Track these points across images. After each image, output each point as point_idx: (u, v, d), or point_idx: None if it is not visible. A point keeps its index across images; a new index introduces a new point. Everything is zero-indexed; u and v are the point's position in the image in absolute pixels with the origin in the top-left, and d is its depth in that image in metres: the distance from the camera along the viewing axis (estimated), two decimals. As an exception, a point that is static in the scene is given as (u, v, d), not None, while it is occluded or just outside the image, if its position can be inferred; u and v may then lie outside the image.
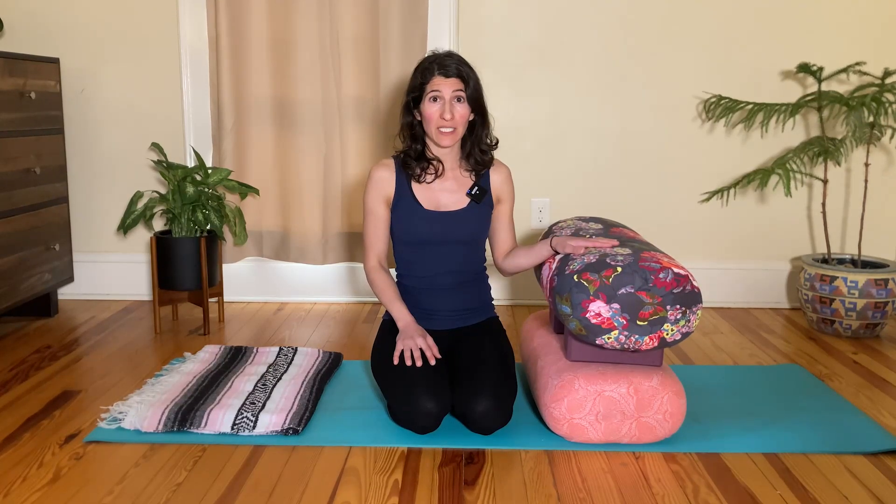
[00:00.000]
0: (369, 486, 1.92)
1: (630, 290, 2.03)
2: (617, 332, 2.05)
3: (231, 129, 3.48)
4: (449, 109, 2.26)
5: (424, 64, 2.31)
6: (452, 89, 2.27)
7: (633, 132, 3.54)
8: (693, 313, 2.06)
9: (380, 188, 2.37)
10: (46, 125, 3.23)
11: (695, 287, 2.06)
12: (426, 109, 2.28)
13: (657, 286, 2.03)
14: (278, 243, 3.60)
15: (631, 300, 2.03)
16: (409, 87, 2.33)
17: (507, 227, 2.47)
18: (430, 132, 2.31)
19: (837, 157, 3.19)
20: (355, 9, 3.40)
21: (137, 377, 2.66)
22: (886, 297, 3.10)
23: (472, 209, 2.37)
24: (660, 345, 2.07)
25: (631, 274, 2.04)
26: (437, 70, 2.27)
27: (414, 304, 2.40)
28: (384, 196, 2.37)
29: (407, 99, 2.33)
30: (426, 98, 2.28)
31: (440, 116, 2.27)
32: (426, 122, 2.30)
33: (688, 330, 2.07)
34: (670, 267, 2.06)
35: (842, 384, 2.66)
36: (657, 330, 2.05)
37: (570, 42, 3.48)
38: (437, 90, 2.26)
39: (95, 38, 3.49)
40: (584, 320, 2.05)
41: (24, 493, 1.88)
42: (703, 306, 2.08)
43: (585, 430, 2.13)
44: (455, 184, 2.38)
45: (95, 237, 3.64)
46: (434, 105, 2.27)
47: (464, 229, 2.35)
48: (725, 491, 1.91)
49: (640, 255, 2.10)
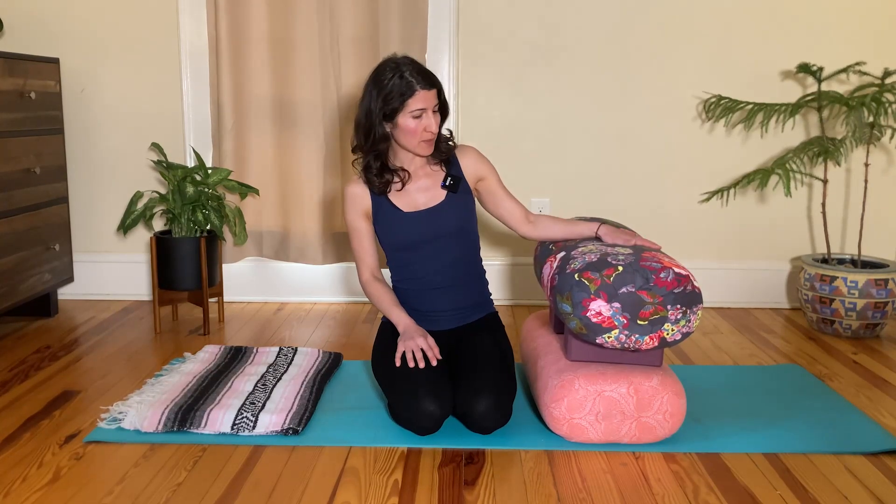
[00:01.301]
0: (369, 486, 1.92)
1: (631, 290, 2.03)
2: (617, 331, 2.05)
3: (231, 129, 3.48)
4: (432, 122, 2.22)
5: (401, 74, 2.19)
6: (434, 103, 2.23)
7: (633, 132, 3.54)
8: (693, 313, 2.06)
9: (356, 204, 2.36)
10: (46, 125, 3.23)
11: (695, 287, 2.06)
12: (407, 124, 2.21)
13: (658, 286, 2.03)
14: (278, 243, 3.60)
15: (632, 299, 2.03)
16: (384, 97, 2.20)
17: (506, 196, 2.42)
18: (410, 144, 2.26)
19: (837, 157, 3.19)
20: (355, 9, 3.40)
21: (137, 377, 2.66)
22: (886, 297, 3.10)
23: (451, 200, 2.35)
24: (660, 344, 2.07)
25: (632, 273, 2.04)
26: (419, 85, 2.19)
27: (413, 308, 2.39)
28: (362, 211, 2.37)
29: (378, 114, 2.22)
30: (406, 114, 2.20)
31: (425, 129, 2.23)
32: (406, 136, 2.24)
33: (688, 330, 2.07)
34: (671, 267, 2.06)
35: (842, 384, 2.66)
36: (657, 329, 2.05)
37: (570, 42, 3.48)
38: (421, 108, 2.20)
39: (95, 38, 3.49)
40: (584, 319, 2.05)
41: (24, 493, 1.88)
42: (703, 307, 2.08)
43: (585, 430, 2.13)
44: (428, 180, 2.36)
45: (95, 237, 3.64)
46: (416, 121, 2.21)
47: (448, 222, 2.34)
48: (725, 491, 1.91)
49: (640, 255, 2.10)
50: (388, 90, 2.20)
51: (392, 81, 2.19)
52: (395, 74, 2.20)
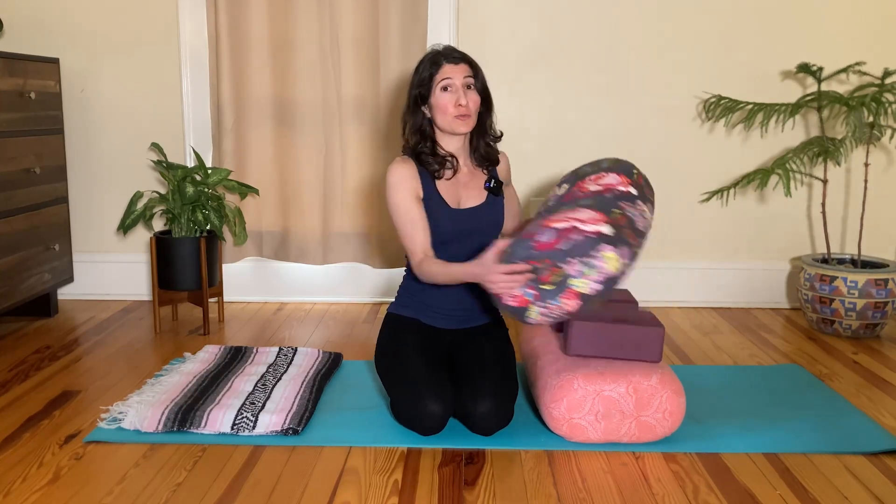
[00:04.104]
0: (369, 486, 1.92)
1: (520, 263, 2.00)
2: (535, 306, 2.02)
3: (231, 129, 3.48)
4: (463, 95, 2.24)
5: (428, 57, 2.29)
6: (463, 75, 2.25)
7: (633, 132, 3.54)
8: (596, 258, 1.96)
9: (408, 185, 2.27)
10: (46, 125, 3.23)
11: (587, 233, 1.97)
12: (439, 100, 2.25)
13: (540, 249, 1.98)
14: (278, 243, 3.60)
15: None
16: (415, 82, 2.29)
17: (514, 210, 2.48)
18: (445, 122, 2.27)
19: (837, 157, 3.19)
20: (355, 9, 3.40)
21: (137, 377, 2.66)
22: (886, 297, 3.10)
23: (492, 202, 2.37)
24: (583, 301, 2.00)
25: (514, 248, 2.00)
26: (444, 59, 2.25)
27: (424, 303, 2.39)
28: (414, 192, 2.27)
29: (413, 94, 2.29)
30: (436, 89, 2.25)
31: (456, 104, 2.25)
32: (439, 114, 2.26)
33: (606, 275, 1.98)
34: (549, 225, 2.00)
35: (842, 384, 2.66)
36: (566, 288, 1.98)
37: (570, 42, 3.48)
38: (448, 78, 2.24)
39: (95, 38, 3.49)
40: (509, 309, 2.04)
41: (24, 493, 1.88)
42: (611, 247, 1.97)
43: (585, 430, 2.13)
44: (470, 179, 2.37)
45: (95, 237, 3.64)
46: (447, 94, 2.25)
47: (486, 224, 2.35)
48: (725, 491, 1.91)
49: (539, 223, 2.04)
50: (420, 71, 2.29)
51: (423, 63, 2.29)
52: (427, 56, 2.29)
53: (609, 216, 2.00)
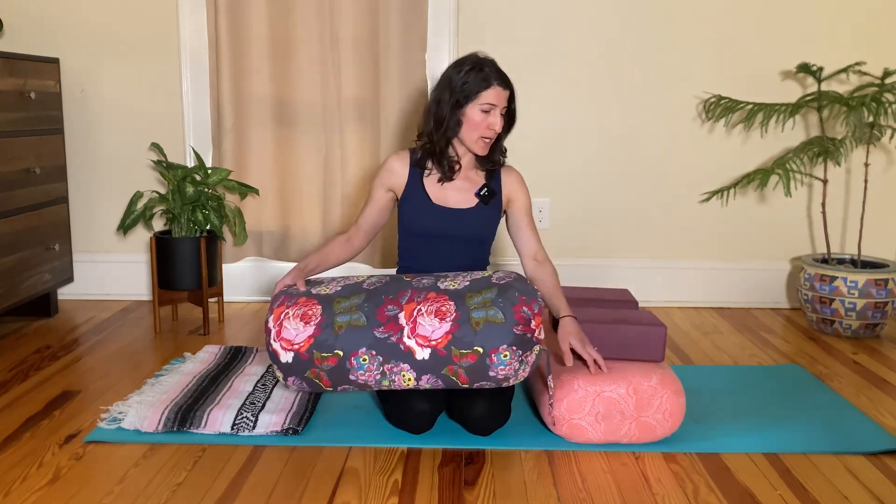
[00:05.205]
0: (369, 486, 1.92)
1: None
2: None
3: (231, 129, 3.48)
4: (498, 121, 2.26)
5: (480, 68, 2.24)
6: (504, 103, 2.27)
7: (634, 132, 3.54)
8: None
9: (388, 178, 2.38)
10: (46, 125, 3.23)
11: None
12: (474, 116, 2.25)
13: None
14: (278, 243, 3.60)
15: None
16: (458, 85, 2.25)
17: (526, 228, 2.40)
18: (469, 138, 2.28)
19: (837, 157, 3.19)
20: (355, 9, 3.40)
21: (137, 377, 2.66)
22: (886, 297, 3.10)
23: (479, 210, 2.36)
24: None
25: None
26: (496, 80, 2.24)
27: None
28: (389, 185, 2.38)
29: (456, 97, 2.25)
30: (477, 105, 2.24)
31: (488, 127, 2.26)
32: (468, 127, 2.27)
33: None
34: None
35: (842, 384, 2.66)
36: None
37: (570, 42, 3.48)
38: (492, 103, 2.24)
39: (95, 38, 3.49)
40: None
41: (24, 493, 1.88)
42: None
43: (585, 431, 2.13)
44: (466, 183, 2.37)
45: (95, 237, 3.64)
46: (484, 115, 2.25)
47: (468, 228, 2.35)
48: (725, 491, 1.91)
49: None
50: (465, 79, 2.25)
51: (471, 73, 2.25)
52: (475, 67, 2.25)
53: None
